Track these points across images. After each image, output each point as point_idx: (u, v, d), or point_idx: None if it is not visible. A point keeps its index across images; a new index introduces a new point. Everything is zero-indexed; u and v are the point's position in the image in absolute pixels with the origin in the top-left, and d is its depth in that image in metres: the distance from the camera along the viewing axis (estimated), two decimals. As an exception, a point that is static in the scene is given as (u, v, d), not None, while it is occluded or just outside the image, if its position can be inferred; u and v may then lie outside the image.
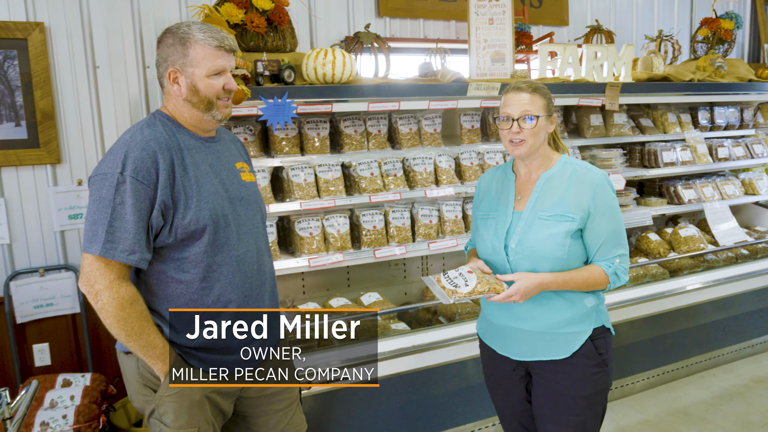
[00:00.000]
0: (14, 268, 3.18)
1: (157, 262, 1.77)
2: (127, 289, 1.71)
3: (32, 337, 3.24)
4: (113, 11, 3.24)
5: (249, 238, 1.89)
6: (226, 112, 1.86)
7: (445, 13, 4.17)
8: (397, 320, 3.20)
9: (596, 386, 2.01)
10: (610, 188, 2.03)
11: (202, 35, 1.77)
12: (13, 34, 3.04)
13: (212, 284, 1.80)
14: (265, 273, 1.96)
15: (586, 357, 2.00)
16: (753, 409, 3.55)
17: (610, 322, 2.13)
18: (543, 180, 2.05)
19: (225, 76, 1.82)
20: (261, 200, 2.03)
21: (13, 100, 3.10)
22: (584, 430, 2.03)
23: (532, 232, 2.00)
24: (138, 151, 1.69)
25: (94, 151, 3.27)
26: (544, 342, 2.03)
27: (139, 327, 1.71)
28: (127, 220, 1.66)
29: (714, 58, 4.23)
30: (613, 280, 2.00)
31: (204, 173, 1.81)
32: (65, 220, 3.24)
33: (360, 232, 3.15)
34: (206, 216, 1.76)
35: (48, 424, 2.57)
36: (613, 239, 2.00)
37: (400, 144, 3.35)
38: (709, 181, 4.34)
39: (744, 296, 3.96)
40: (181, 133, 1.83)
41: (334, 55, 2.93)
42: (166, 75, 1.80)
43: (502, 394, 2.21)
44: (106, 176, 1.68)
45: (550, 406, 2.04)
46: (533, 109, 1.97)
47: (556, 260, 1.98)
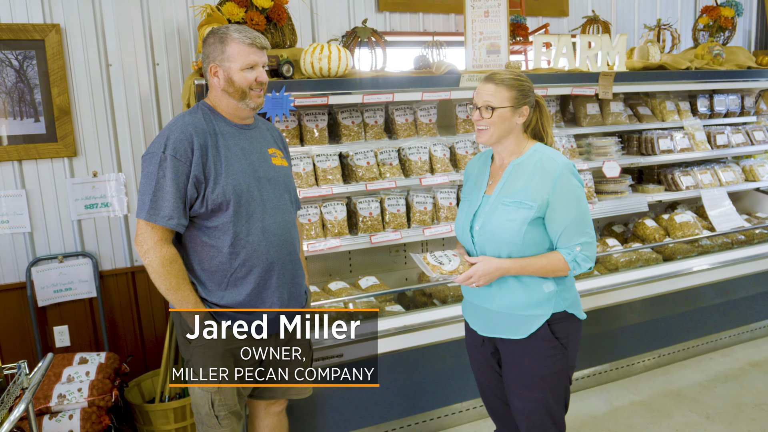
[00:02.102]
0: (35, 255, 3.40)
1: (193, 229, 2.08)
2: (169, 249, 2.02)
3: (53, 319, 3.47)
4: (124, 12, 3.43)
5: (276, 213, 2.15)
6: (259, 101, 2.14)
7: (445, 7, 4.28)
8: (394, 303, 3.34)
9: (554, 367, 2.12)
10: (574, 177, 2.09)
11: (237, 35, 2.06)
12: (32, 36, 3.25)
13: (239, 250, 2.07)
14: (293, 245, 2.22)
15: (543, 339, 2.10)
16: (746, 391, 3.62)
17: (579, 308, 2.20)
18: (511, 167, 2.16)
19: (257, 69, 2.10)
20: (291, 182, 2.31)
21: (32, 98, 3.31)
22: (546, 407, 2.15)
23: (494, 216, 2.12)
24: (177, 134, 2.00)
25: (107, 144, 3.47)
26: (504, 322, 2.16)
27: (176, 283, 2.02)
28: (167, 191, 1.97)
29: (712, 46, 4.27)
30: (573, 266, 2.06)
31: (234, 155, 2.09)
32: (82, 209, 3.44)
33: (357, 218, 3.30)
34: (231, 191, 2.03)
35: (65, 396, 2.78)
36: (574, 227, 2.06)
37: (396, 134, 3.49)
38: (708, 168, 4.38)
39: (741, 281, 4.01)
40: (218, 120, 2.12)
41: (330, 50, 3.08)
42: (209, 69, 2.10)
43: (478, 367, 2.35)
44: (152, 155, 1.99)
45: (515, 382, 2.18)
46: (494, 100, 2.09)
47: (513, 245, 2.08)
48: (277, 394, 2.37)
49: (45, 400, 2.76)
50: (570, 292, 2.18)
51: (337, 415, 3.01)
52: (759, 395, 3.55)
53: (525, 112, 2.14)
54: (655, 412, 3.43)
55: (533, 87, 2.18)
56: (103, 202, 3.48)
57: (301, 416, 2.92)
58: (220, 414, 2.16)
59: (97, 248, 3.52)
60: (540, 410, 2.16)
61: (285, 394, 2.39)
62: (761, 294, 4.18)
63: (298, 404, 2.88)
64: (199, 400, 2.17)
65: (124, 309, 3.61)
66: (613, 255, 3.85)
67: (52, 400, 2.76)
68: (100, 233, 3.51)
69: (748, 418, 3.32)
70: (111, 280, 3.56)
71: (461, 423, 3.33)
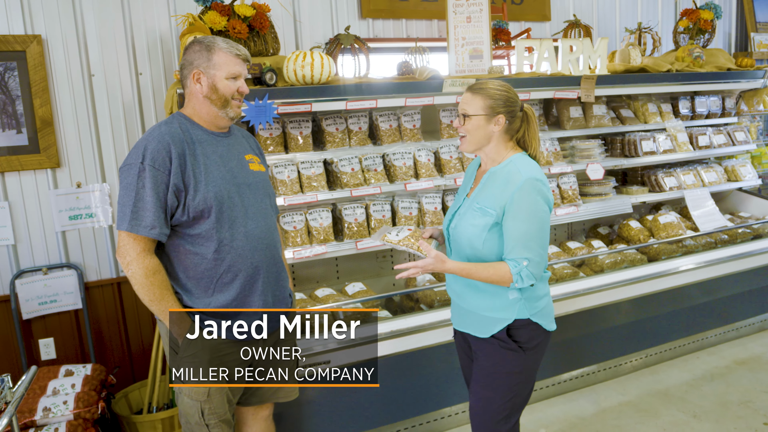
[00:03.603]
0: (19, 267, 3.38)
1: (176, 238, 2.09)
2: (152, 260, 2.04)
3: (38, 332, 3.44)
4: (106, 22, 3.42)
5: (258, 218, 2.19)
6: (238, 111, 2.19)
7: (427, 13, 4.31)
8: (381, 308, 3.34)
9: (508, 367, 2.19)
10: (535, 192, 2.08)
11: (225, 45, 2.13)
12: (13, 47, 3.23)
13: (224, 256, 2.09)
14: (276, 248, 2.25)
15: (501, 341, 2.19)
16: (732, 389, 3.65)
17: (548, 318, 2.24)
18: (488, 174, 2.23)
19: (240, 80, 2.16)
20: (269, 187, 2.35)
21: (14, 109, 3.30)
22: (492, 408, 2.22)
23: (464, 219, 2.21)
24: (155, 144, 2.02)
25: (91, 154, 3.46)
26: (471, 319, 2.27)
27: (159, 294, 2.04)
28: (147, 201, 1.98)
29: (692, 48, 4.33)
30: (516, 279, 2.08)
31: (213, 162, 2.12)
32: (66, 220, 3.43)
33: (343, 225, 3.31)
34: (212, 197, 2.06)
35: (50, 410, 2.75)
36: (521, 242, 2.08)
37: (380, 140, 3.50)
38: (691, 168, 4.43)
39: (725, 280, 4.05)
40: (195, 129, 2.14)
41: (312, 57, 3.09)
42: (190, 76, 2.13)
43: (462, 359, 2.49)
44: (131, 166, 2.01)
45: (474, 376, 2.29)
46: (469, 108, 2.16)
47: (473, 249, 2.17)
48: (264, 398, 2.38)
49: (30, 413, 2.74)
50: (539, 302, 2.22)
51: (325, 421, 3.00)
52: (745, 393, 3.59)
53: (500, 120, 2.15)
54: (642, 412, 3.45)
55: (516, 97, 2.19)
56: (88, 213, 3.46)
57: (290, 423, 2.92)
58: (210, 423, 2.17)
59: (82, 259, 3.50)
60: (487, 412, 2.24)
61: (272, 398, 2.39)
62: (746, 293, 4.22)
63: (287, 411, 2.87)
64: (189, 409, 2.17)
65: (110, 320, 3.59)
66: (598, 257, 3.87)
67: (37, 413, 2.73)
68: (84, 244, 3.49)
69: (734, 416, 3.35)
70: (96, 291, 3.53)
71: (451, 427, 3.33)
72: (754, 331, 4.41)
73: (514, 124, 2.19)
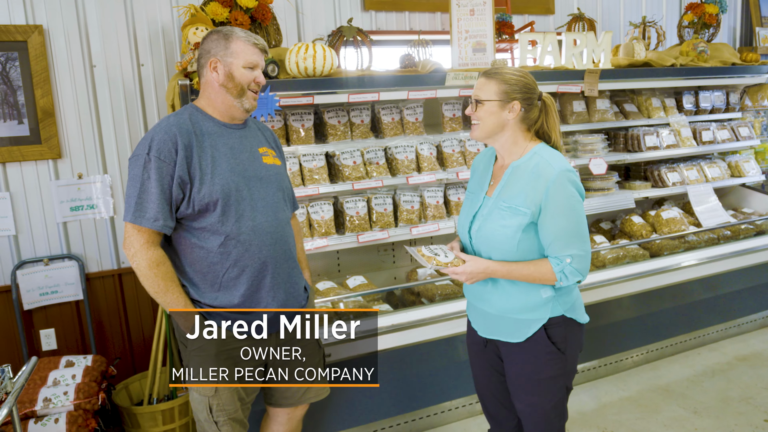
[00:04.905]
0: (20, 258, 3.38)
1: (182, 231, 2.08)
2: (156, 252, 2.02)
3: (39, 323, 3.44)
4: (108, 13, 3.41)
5: (267, 211, 2.14)
6: (254, 103, 2.16)
7: (431, 5, 4.29)
8: (382, 302, 3.34)
9: (550, 372, 2.07)
10: (570, 185, 1.97)
11: (243, 34, 2.11)
12: (14, 37, 3.22)
13: (230, 250, 2.07)
14: (287, 243, 2.20)
15: (539, 343, 2.05)
16: (733, 385, 3.64)
17: (580, 311, 2.13)
18: (510, 169, 2.07)
19: (257, 71, 2.14)
20: (284, 181, 2.30)
21: (16, 99, 3.29)
22: (542, 412, 2.12)
23: (490, 220, 2.06)
24: (161, 135, 2.01)
25: (92, 145, 3.45)
26: (501, 324, 2.12)
27: (165, 285, 2.02)
28: (152, 193, 1.97)
29: (697, 42, 4.30)
30: (560, 278, 1.98)
31: (222, 154, 2.09)
32: (67, 211, 3.42)
33: (344, 218, 3.30)
34: (218, 190, 2.03)
35: (50, 400, 2.76)
36: (564, 238, 1.97)
37: (382, 133, 3.49)
38: (694, 164, 4.41)
39: (728, 276, 4.04)
40: (206, 120, 2.12)
41: (314, 49, 3.07)
42: (207, 64, 2.10)
43: (479, 366, 2.30)
44: (137, 157, 2.00)
45: (514, 384, 2.15)
46: (482, 94, 2.02)
47: (506, 252, 2.03)
48: (295, 400, 2.34)
49: (30, 404, 2.74)
50: (570, 296, 2.11)
51: (326, 415, 3.01)
52: (746, 389, 3.58)
53: (515, 107, 2.01)
54: (643, 407, 3.45)
55: (534, 84, 2.06)
56: (89, 204, 3.46)
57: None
58: (219, 420, 2.14)
59: (83, 250, 3.50)
60: (536, 414, 2.13)
61: (303, 399, 2.35)
62: (748, 289, 4.21)
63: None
64: (197, 405, 2.15)
65: (111, 311, 3.59)
66: (600, 252, 3.86)
67: (38, 404, 2.74)
68: (86, 235, 3.49)
69: (735, 412, 3.34)
70: (98, 282, 3.54)
71: (451, 421, 3.33)
72: (756, 328, 4.40)
73: (531, 114, 2.04)
